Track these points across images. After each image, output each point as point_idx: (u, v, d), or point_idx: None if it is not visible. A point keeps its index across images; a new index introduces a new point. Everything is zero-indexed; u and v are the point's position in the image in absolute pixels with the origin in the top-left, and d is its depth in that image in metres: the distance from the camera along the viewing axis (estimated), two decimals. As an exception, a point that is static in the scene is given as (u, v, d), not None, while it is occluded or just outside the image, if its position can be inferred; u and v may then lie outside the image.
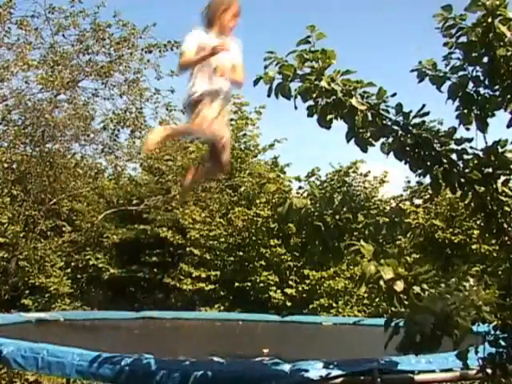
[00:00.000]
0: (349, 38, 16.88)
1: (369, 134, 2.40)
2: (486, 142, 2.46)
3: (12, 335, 3.95)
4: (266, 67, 2.34)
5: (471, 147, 2.46)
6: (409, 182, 11.43)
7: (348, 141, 2.40)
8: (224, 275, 9.86)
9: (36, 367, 3.50)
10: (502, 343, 2.35)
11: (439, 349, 2.09)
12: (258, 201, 10.27)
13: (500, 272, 2.65)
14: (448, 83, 2.41)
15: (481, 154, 2.46)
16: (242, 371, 3.15)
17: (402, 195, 11.63)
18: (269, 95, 2.36)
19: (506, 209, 2.48)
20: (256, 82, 2.36)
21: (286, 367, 3.08)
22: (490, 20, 2.29)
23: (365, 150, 2.42)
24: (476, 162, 2.45)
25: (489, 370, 2.41)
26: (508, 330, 2.31)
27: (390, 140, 2.43)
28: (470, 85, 2.40)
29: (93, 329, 5.63)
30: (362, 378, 3.11)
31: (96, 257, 10.51)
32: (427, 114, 2.44)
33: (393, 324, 2.13)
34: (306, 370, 3.02)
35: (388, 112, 2.40)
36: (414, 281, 2.17)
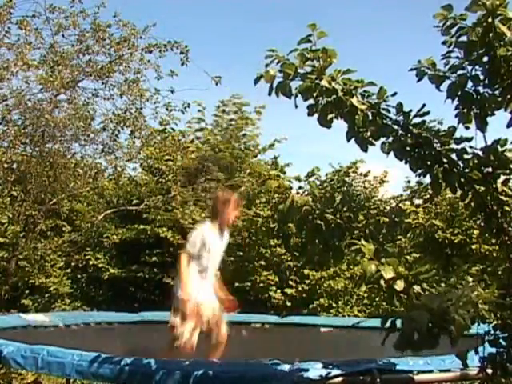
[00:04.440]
0: (350, 37, 16.90)
1: (369, 134, 2.40)
2: (486, 142, 2.46)
3: (11, 339, 3.93)
4: (267, 65, 2.34)
5: (471, 147, 2.46)
6: (409, 182, 11.45)
7: (348, 140, 2.40)
8: (224, 275, 9.84)
9: (36, 367, 3.50)
10: (502, 343, 2.34)
11: (439, 349, 2.09)
12: (257, 201, 10.27)
13: (500, 272, 2.65)
14: (447, 82, 2.41)
15: (481, 153, 2.46)
16: (242, 371, 3.15)
17: (401, 195, 11.64)
18: (269, 94, 2.36)
19: (506, 208, 2.48)
20: (257, 81, 2.36)
21: (286, 367, 3.08)
22: (490, 20, 2.29)
23: (365, 150, 2.42)
24: (476, 161, 2.45)
25: (489, 370, 2.41)
26: (508, 329, 2.30)
27: (391, 139, 2.43)
28: (469, 84, 2.40)
29: (92, 332, 5.62)
30: (362, 378, 3.11)
31: (96, 257, 10.49)
32: (427, 113, 2.44)
33: (389, 322, 2.13)
34: (306, 370, 3.02)
35: (388, 111, 2.40)
36: (414, 280, 2.17)
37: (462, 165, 2.47)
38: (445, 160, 2.45)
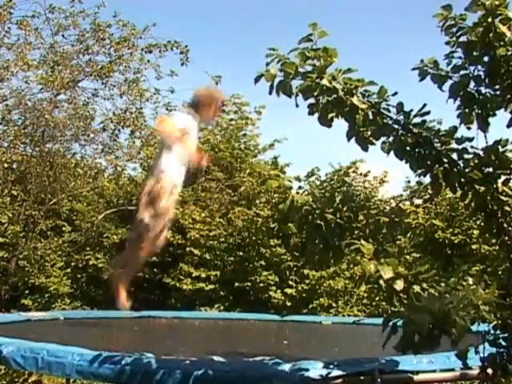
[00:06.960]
0: (350, 37, 16.90)
1: (369, 133, 2.40)
2: (487, 142, 2.46)
3: (11, 334, 3.94)
4: (267, 64, 2.34)
5: (472, 147, 2.46)
6: (409, 182, 11.45)
7: (349, 139, 2.40)
8: (224, 275, 9.86)
9: (36, 367, 3.49)
10: (503, 343, 2.34)
11: (440, 348, 2.09)
12: (257, 201, 10.27)
13: (500, 272, 2.65)
14: (449, 82, 2.41)
15: (481, 153, 2.46)
16: (242, 371, 3.14)
17: (401, 195, 11.64)
18: (270, 93, 2.36)
19: (506, 209, 2.48)
20: (257, 80, 2.36)
21: (286, 367, 3.07)
22: (490, 20, 2.30)
23: (365, 149, 2.42)
24: (476, 161, 2.45)
25: (489, 370, 2.41)
26: (508, 329, 2.30)
27: (391, 139, 2.43)
28: (472, 84, 2.40)
29: (93, 328, 5.62)
30: (362, 378, 3.10)
31: (96, 257, 10.49)
32: (428, 113, 2.44)
33: (390, 324, 2.13)
34: (306, 370, 3.01)
35: (389, 111, 2.40)
36: (413, 280, 2.17)
37: (462, 165, 2.47)
38: (445, 160, 2.45)
